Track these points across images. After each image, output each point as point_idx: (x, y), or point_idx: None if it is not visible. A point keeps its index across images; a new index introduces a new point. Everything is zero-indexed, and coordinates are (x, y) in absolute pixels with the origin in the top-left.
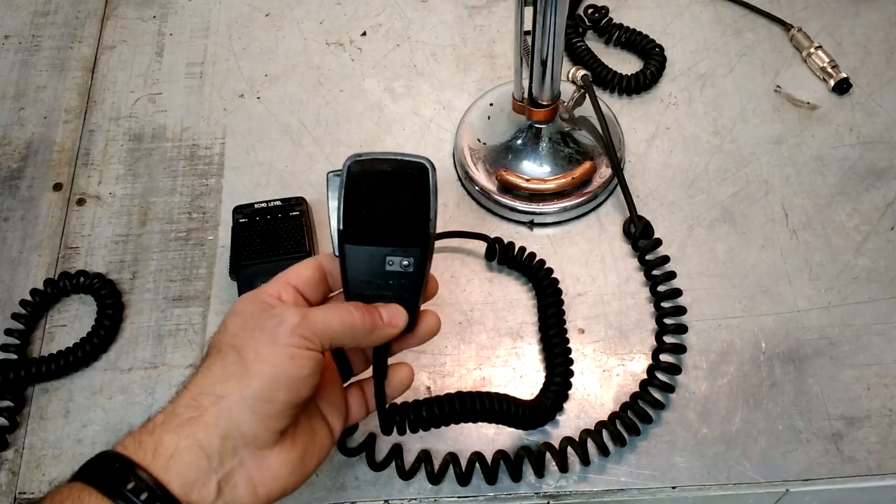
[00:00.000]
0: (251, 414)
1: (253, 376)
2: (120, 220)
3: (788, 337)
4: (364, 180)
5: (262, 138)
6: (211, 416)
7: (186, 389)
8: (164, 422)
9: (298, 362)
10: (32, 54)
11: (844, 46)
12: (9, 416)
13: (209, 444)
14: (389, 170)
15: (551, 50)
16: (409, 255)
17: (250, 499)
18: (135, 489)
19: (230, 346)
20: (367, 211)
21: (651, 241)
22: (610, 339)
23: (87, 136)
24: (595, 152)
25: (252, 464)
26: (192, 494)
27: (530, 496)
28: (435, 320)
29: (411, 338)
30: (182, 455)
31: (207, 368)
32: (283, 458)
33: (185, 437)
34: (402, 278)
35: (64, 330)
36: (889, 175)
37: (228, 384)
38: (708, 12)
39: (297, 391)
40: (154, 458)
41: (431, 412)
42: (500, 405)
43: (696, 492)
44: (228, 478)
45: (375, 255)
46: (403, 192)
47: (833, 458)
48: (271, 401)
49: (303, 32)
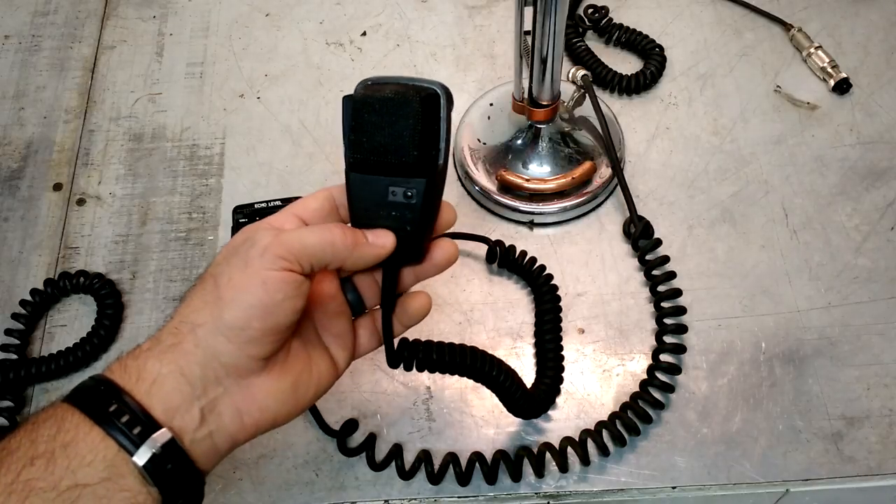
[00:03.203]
0: (227, 343)
1: (225, 304)
2: (120, 220)
3: (788, 337)
4: (368, 106)
5: (262, 138)
6: (189, 344)
7: (171, 318)
8: (149, 348)
9: (271, 287)
10: (32, 54)
11: (844, 46)
12: (9, 416)
13: (190, 372)
14: (392, 96)
15: (551, 50)
16: (412, 186)
17: (236, 427)
18: (117, 411)
19: (210, 274)
20: (367, 139)
21: (651, 241)
22: (610, 339)
23: (87, 136)
24: (595, 152)
25: (237, 392)
26: (174, 420)
27: (530, 496)
28: (450, 247)
29: (426, 268)
30: (164, 381)
31: (189, 297)
32: (271, 387)
33: (167, 363)
34: (406, 210)
35: (64, 330)
36: (889, 175)
37: (203, 312)
38: (708, 12)
39: (274, 317)
40: (137, 383)
41: (442, 358)
42: (504, 377)
43: (696, 492)
44: (212, 405)
45: (377, 186)
46: (406, 120)
47: (833, 458)
48: (245, 328)
49: (303, 32)
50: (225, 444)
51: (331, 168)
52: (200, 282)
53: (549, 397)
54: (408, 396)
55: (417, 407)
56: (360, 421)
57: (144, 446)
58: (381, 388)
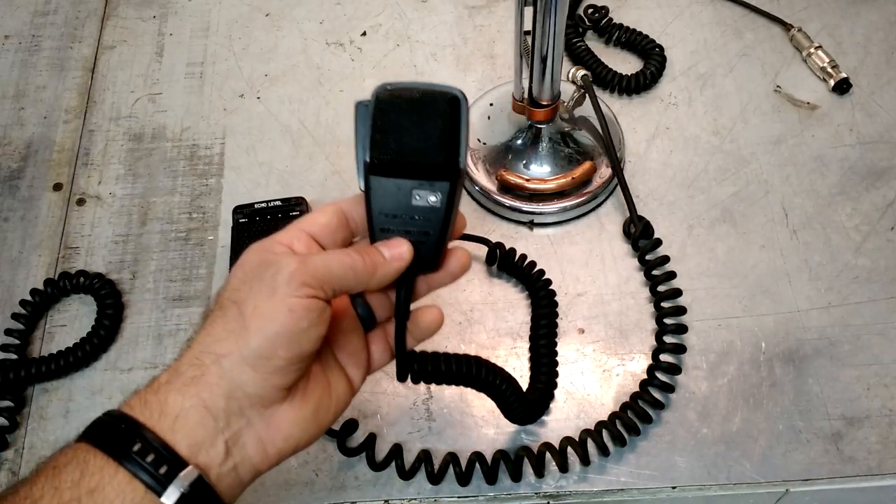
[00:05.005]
0: (253, 373)
1: (251, 333)
2: (120, 220)
3: (788, 337)
4: (393, 109)
5: (262, 138)
6: (213, 375)
7: (190, 348)
8: (168, 381)
9: (298, 314)
10: (32, 54)
11: (844, 46)
12: (9, 416)
13: (214, 405)
14: (420, 98)
15: (551, 50)
16: (436, 189)
17: (259, 458)
18: (141, 451)
19: (231, 301)
20: (394, 141)
21: (651, 241)
22: (610, 339)
23: (87, 136)
24: (595, 152)
25: (260, 423)
26: (199, 455)
27: (530, 496)
28: (465, 257)
29: (440, 276)
30: (188, 415)
31: (210, 325)
32: (294, 416)
33: (190, 396)
34: (429, 214)
35: (64, 330)
36: (889, 175)
37: (228, 342)
38: (708, 12)
39: (299, 346)
40: (160, 419)
41: (450, 369)
42: (510, 392)
43: (696, 492)
44: (236, 438)
45: (402, 189)
46: (434, 123)
47: (833, 458)
48: (271, 357)
49: (303, 32)
50: (248, 475)
51: (331, 168)
52: (220, 309)
53: (542, 405)
54: (408, 396)
55: (417, 407)
56: (360, 421)
57: (172, 486)
58: (381, 389)
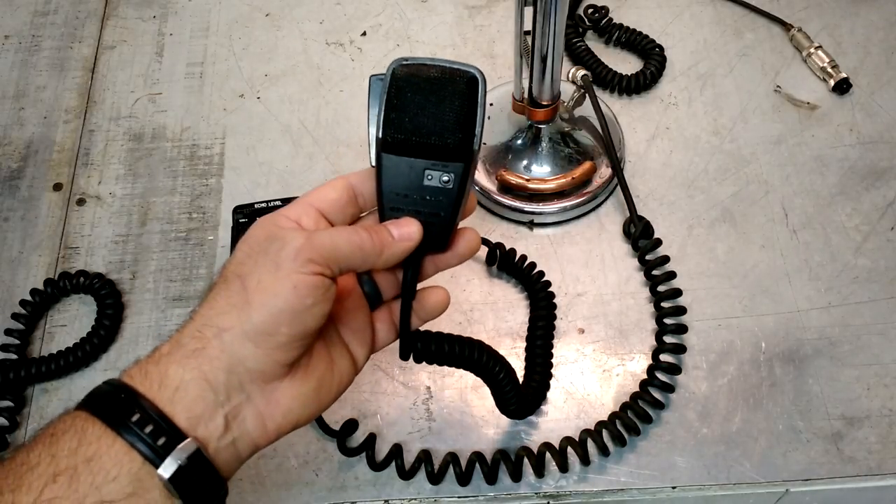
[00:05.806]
0: (254, 348)
1: (254, 308)
2: (120, 220)
3: (788, 337)
4: (409, 86)
5: (262, 138)
6: (214, 349)
7: (192, 319)
8: (169, 352)
9: (302, 291)
10: (32, 54)
11: (844, 46)
12: (9, 416)
13: (214, 378)
14: (437, 77)
15: (551, 50)
16: (449, 170)
17: (258, 433)
18: (140, 421)
19: (235, 274)
20: (409, 120)
21: (651, 241)
22: (610, 339)
23: (87, 136)
24: (595, 152)
25: (260, 398)
26: (198, 428)
27: (530, 496)
28: (474, 237)
29: (448, 257)
30: (188, 388)
31: (213, 298)
32: (295, 392)
33: (191, 369)
34: (441, 195)
35: (64, 330)
36: (889, 175)
37: (230, 316)
38: (708, 12)
39: (303, 323)
40: (160, 390)
41: (453, 351)
42: (507, 382)
43: (696, 492)
44: (236, 412)
45: (414, 169)
46: (450, 103)
47: (833, 458)
48: (273, 334)
49: (303, 32)
50: (247, 450)
51: (331, 168)
52: (224, 281)
53: (535, 402)
54: (408, 396)
55: (417, 407)
56: (360, 421)
57: (170, 458)
58: (381, 389)
